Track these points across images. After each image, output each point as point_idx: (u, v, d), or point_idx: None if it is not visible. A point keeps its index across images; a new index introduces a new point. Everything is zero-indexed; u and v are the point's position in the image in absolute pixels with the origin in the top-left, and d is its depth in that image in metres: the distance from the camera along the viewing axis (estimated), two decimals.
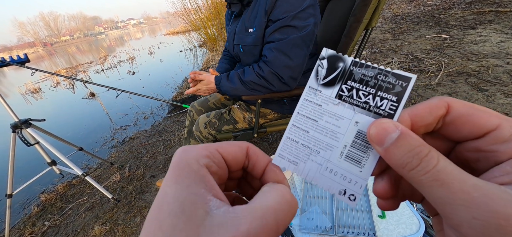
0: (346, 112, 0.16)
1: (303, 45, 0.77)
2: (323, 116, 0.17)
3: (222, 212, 0.12)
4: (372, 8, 0.85)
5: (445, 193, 0.11)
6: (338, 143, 0.17)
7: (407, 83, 0.15)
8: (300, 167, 0.17)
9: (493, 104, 1.41)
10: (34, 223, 1.54)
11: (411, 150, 0.13)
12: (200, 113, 1.28)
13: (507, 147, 0.12)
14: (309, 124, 0.17)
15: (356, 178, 0.16)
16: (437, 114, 0.14)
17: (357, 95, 0.16)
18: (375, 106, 0.16)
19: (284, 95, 0.91)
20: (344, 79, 0.17)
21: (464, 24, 2.65)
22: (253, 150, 0.17)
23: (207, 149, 0.15)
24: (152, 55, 8.24)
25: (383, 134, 0.14)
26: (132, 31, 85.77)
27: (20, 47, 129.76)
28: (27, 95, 5.83)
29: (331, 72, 0.17)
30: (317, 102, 0.17)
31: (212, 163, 0.15)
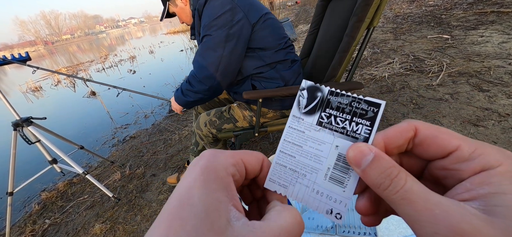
0: (327, 137, 0.18)
1: (216, 47, 0.87)
2: (307, 142, 0.18)
3: (241, 224, 0.13)
4: (374, 7, 0.84)
5: (412, 210, 0.13)
6: (322, 166, 0.18)
7: (377, 108, 0.17)
8: (290, 189, 0.19)
9: (494, 105, 1.40)
10: (35, 221, 1.55)
11: (383, 171, 0.14)
12: (204, 106, 1.29)
13: (467, 165, 0.13)
14: (294, 149, 0.19)
15: (340, 198, 0.17)
16: (407, 136, 0.15)
17: (335, 122, 0.18)
18: (352, 131, 0.17)
19: (285, 95, 0.91)
20: (323, 107, 0.18)
21: (465, 25, 2.64)
22: (267, 163, 0.19)
23: (234, 158, 0.16)
24: (153, 54, 8.24)
25: (359, 156, 0.15)
26: (133, 30, 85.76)
27: (21, 46, 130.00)
28: (28, 94, 5.84)
29: (311, 101, 0.19)
30: (301, 130, 0.19)
31: (236, 172, 0.16)
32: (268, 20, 0.95)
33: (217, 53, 0.87)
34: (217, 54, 0.87)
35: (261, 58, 0.95)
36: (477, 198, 0.12)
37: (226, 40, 0.86)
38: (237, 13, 0.87)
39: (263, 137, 1.75)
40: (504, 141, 1.16)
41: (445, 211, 0.12)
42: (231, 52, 0.88)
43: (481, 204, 0.12)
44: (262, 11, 0.93)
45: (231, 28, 0.86)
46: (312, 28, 1.30)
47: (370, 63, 2.49)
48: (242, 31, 0.88)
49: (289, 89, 0.92)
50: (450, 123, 1.37)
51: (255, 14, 0.91)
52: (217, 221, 0.12)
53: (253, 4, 0.93)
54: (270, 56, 0.95)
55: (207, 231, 0.12)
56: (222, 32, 0.85)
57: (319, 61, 1.17)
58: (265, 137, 1.74)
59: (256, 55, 0.95)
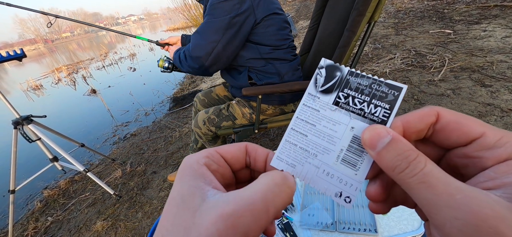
0: (343, 118, 0.17)
1: (215, 31, 0.85)
2: (321, 121, 0.18)
3: (216, 197, 0.14)
4: (375, 1, 0.83)
5: (430, 194, 0.12)
6: (334, 147, 0.17)
7: (398, 92, 0.16)
8: (298, 169, 0.18)
9: (497, 100, 1.39)
10: (37, 219, 1.56)
11: (401, 153, 0.13)
12: (204, 103, 1.28)
13: (491, 153, 0.13)
14: (307, 128, 0.18)
15: (351, 181, 0.17)
16: (428, 121, 0.15)
17: (353, 103, 0.17)
18: (370, 113, 0.17)
19: (285, 91, 0.91)
20: (341, 87, 0.18)
21: (468, 19, 2.61)
22: (252, 146, 0.19)
23: (207, 151, 0.17)
24: (153, 52, 8.21)
25: (375, 138, 0.15)
26: (133, 27, 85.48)
27: (21, 44, 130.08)
28: (28, 92, 5.85)
29: (329, 80, 0.18)
30: (315, 108, 0.18)
31: (211, 162, 0.17)
32: (275, 19, 0.93)
33: (214, 37, 0.86)
34: (214, 39, 0.86)
35: (258, 51, 0.94)
36: (502, 186, 0.11)
37: (227, 27, 0.85)
38: (245, 3, 0.85)
39: (264, 133, 1.75)
40: None
41: (466, 196, 0.11)
42: (227, 42, 0.87)
43: (506, 192, 0.11)
44: (271, 9, 0.91)
45: (234, 17, 0.84)
46: (312, 23, 1.29)
47: (371, 59, 2.47)
48: (244, 24, 0.87)
49: (288, 86, 0.91)
50: None
51: (263, 10, 0.89)
52: (192, 201, 0.14)
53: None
54: (268, 52, 0.95)
55: (182, 211, 0.13)
56: (225, 18, 0.83)
57: (319, 57, 1.16)
58: (266, 134, 1.74)
59: (254, 47, 0.94)
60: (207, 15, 0.87)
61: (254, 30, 0.91)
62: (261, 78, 0.98)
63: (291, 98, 1.06)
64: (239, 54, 0.95)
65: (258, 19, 0.89)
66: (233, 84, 1.06)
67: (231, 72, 1.04)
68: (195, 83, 3.55)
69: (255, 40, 0.93)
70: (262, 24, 0.90)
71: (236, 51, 0.93)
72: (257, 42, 0.93)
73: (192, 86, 3.41)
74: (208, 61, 0.89)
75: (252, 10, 0.87)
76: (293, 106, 1.10)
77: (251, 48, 0.94)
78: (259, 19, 0.89)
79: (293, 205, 0.82)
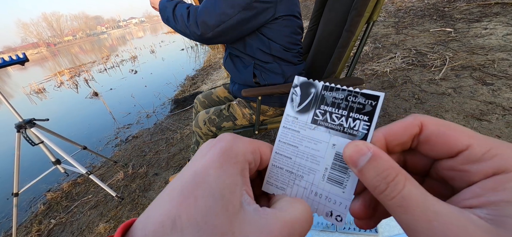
0: (323, 136, 0.17)
1: (232, 5, 0.79)
2: (302, 142, 0.18)
3: (252, 209, 0.13)
4: (374, 1, 0.83)
5: (409, 219, 0.12)
6: (319, 167, 0.17)
7: (376, 101, 0.15)
8: (288, 191, 0.18)
9: (498, 99, 1.38)
10: (40, 221, 1.57)
11: (380, 173, 0.13)
12: (204, 104, 1.29)
13: (478, 167, 0.12)
14: (290, 150, 0.18)
15: (340, 199, 0.16)
16: (411, 133, 0.14)
17: (331, 119, 0.17)
18: (349, 127, 0.16)
19: (284, 92, 0.91)
20: (317, 104, 0.17)
21: (469, 17, 2.60)
22: None
23: (252, 145, 0.16)
24: (154, 54, 8.26)
25: (356, 155, 0.14)
26: (134, 30, 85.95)
27: (24, 48, 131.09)
28: (31, 96, 5.90)
29: (305, 98, 0.18)
30: (295, 129, 0.18)
31: (253, 160, 0.16)
32: (293, 21, 0.92)
33: (229, 11, 0.79)
34: (228, 12, 0.80)
35: (269, 47, 0.93)
36: (486, 205, 0.11)
37: (245, 7, 0.80)
38: None
39: (264, 134, 1.75)
40: (509, 135, 1.14)
41: (443, 223, 0.11)
42: (240, 22, 0.83)
43: (489, 213, 0.10)
44: (292, 11, 0.90)
45: (256, 1, 0.80)
46: (312, 23, 1.29)
47: (371, 59, 2.47)
48: (262, 13, 0.84)
49: (288, 87, 0.91)
50: (453, 118, 1.36)
51: (285, 8, 0.87)
52: (231, 202, 0.12)
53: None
54: (277, 50, 0.94)
55: (219, 210, 0.12)
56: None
57: (318, 57, 1.16)
58: (266, 135, 1.74)
59: (266, 41, 0.92)
60: None
61: (270, 24, 0.88)
62: (265, 77, 0.97)
63: None
64: (249, 42, 0.93)
65: (277, 15, 0.87)
66: (237, 80, 1.05)
67: (236, 63, 1.01)
68: (196, 85, 3.57)
69: (268, 35, 0.91)
70: (279, 21, 0.89)
71: (243, 34, 0.89)
72: (270, 37, 0.91)
73: (193, 88, 3.43)
74: (213, 33, 0.83)
75: (275, 3, 0.84)
76: None
77: (263, 41, 0.92)
78: (278, 15, 0.87)
79: None
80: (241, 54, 0.98)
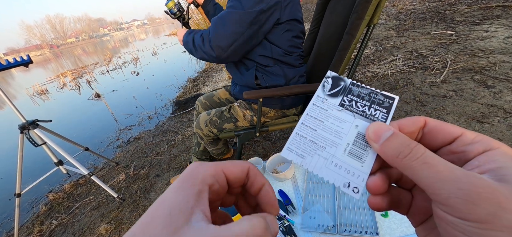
0: (348, 117, 0.20)
1: (240, 23, 0.82)
2: (328, 118, 0.20)
3: (198, 226, 0.14)
4: (374, 5, 0.84)
5: (434, 172, 0.14)
6: (341, 141, 0.19)
7: (392, 101, 0.20)
8: (307, 160, 0.19)
9: (500, 101, 1.38)
10: (42, 222, 1.58)
11: (403, 143, 0.16)
12: (205, 106, 1.29)
13: (472, 148, 0.15)
14: (316, 124, 0.20)
15: (358, 172, 0.18)
16: (418, 125, 0.17)
17: (356, 105, 0.20)
18: (371, 114, 0.19)
19: (285, 94, 0.92)
20: (345, 93, 0.21)
21: (470, 20, 2.60)
22: (253, 171, 0.19)
23: (215, 168, 0.17)
24: (156, 56, 8.31)
25: (379, 132, 0.17)
26: (136, 32, 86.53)
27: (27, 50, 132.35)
28: (34, 97, 5.95)
29: (335, 87, 0.21)
30: (324, 107, 0.20)
31: (215, 182, 0.17)
32: (295, 26, 0.94)
33: (238, 29, 0.83)
34: (238, 31, 0.84)
35: (270, 50, 0.94)
36: (487, 171, 0.14)
37: (252, 22, 0.83)
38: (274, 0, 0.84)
39: (266, 136, 1.75)
40: (510, 137, 1.14)
41: (465, 173, 0.13)
42: (250, 37, 0.86)
43: (491, 175, 0.13)
44: (295, 16, 0.92)
45: (261, 13, 0.83)
46: (313, 27, 1.30)
47: (372, 61, 2.47)
48: (267, 20, 0.86)
49: (289, 89, 0.92)
50: (455, 120, 1.35)
51: (289, 13, 0.89)
52: (176, 220, 0.13)
53: (295, 2, 0.90)
54: (279, 53, 0.95)
55: (163, 226, 0.13)
56: (252, 12, 0.81)
57: (319, 60, 1.17)
58: (267, 137, 1.75)
59: (267, 45, 0.94)
60: (234, 0, 0.84)
61: (273, 29, 0.91)
62: (267, 80, 0.98)
63: (292, 103, 1.07)
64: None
65: (281, 20, 0.89)
66: (239, 82, 1.06)
67: (239, 67, 1.03)
68: (197, 87, 3.58)
69: (270, 39, 0.93)
70: (283, 26, 0.91)
71: (255, 45, 0.92)
72: (272, 41, 0.93)
73: (194, 90, 3.44)
74: (227, 52, 0.87)
75: (279, 7, 0.86)
76: (295, 110, 1.10)
77: (264, 46, 0.94)
78: (282, 20, 0.89)
79: (295, 208, 0.82)
80: (243, 59, 0.99)
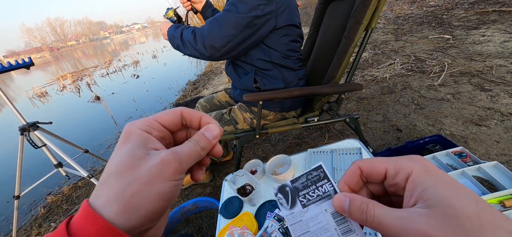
0: (315, 210, 0.22)
1: (235, 25, 0.83)
2: (308, 224, 0.22)
3: (157, 152, 0.19)
4: (372, 9, 0.86)
5: (385, 229, 0.17)
6: (331, 231, 0.21)
7: (321, 169, 0.22)
8: None
9: (497, 104, 1.39)
10: (40, 225, 1.57)
11: (358, 208, 0.18)
12: (205, 109, 1.30)
13: (398, 179, 0.18)
14: (304, 234, 0.22)
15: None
16: (356, 175, 0.20)
17: (310, 196, 0.22)
18: (323, 193, 0.22)
19: (285, 97, 0.93)
20: (297, 194, 0.23)
21: (467, 24, 2.63)
22: (187, 111, 0.23)
23: (147, 120, 0.21)
24: (156, 59, 8.34)
25: (341, 204, 0.20)
26: (137, 35, 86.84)
27: (28, 52, 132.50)
28: (34, 99, 5.94)
29: (287, 197, 0.23)
30: (297, 220, 0.23)
31: (151, 129, 0.20)
32: (292, 31, 0.95)
33: (232, 31, 0.84)
34: (232, 33, 0.85)
35: (269, 55, 0.95)
36: (417, 200, 0.16)
37: (247, 26, 0.84)
38: (270, 5, 0.84)
39: (265, 139, 1.76)
40: (507, 140, 1.15)
41: (406, 221, 0.16)
42: (244, 40, 0.87)
43: (421, 203, 0.16)
44: (293, 21, 0.93)
45: (256, 18, 0.84)
46: (311, 30, 1.32)
47: (371, 65, 2.49)
48: (264, 26, 0.87)
49: (288, 92, 0.93)
50: (452, 123, 1.37)
51: (286, 18, 0.90)
52: (137, 154, 0.18)
53: (292, 8, 0.92)
54: (277, 57, 0.96)
55: (127, 157, 0.18)
56: (247, 16, 0.83)
57: (318, 63, 1.18)
58: (267, 139, 1.75)
59: (266, 50, 0.95)
60: (231, 4, 0.85)
61: (270, 34, 0.92)
62: (266, 83, 0.99)
63: (291, 106, 1.08)
64: (250, 52, 0.96)
65: (278, 25, 0.90)
66: (238, 85, 1.07)
67: (237, 71, 1.05)
68: (197, 90, 3.60)
69: (268, 43, 0.94)
70: (280, 31, 0.92)
71: (249, 48, 0.93)
72: (269, 46, 0.94)
73: (194, 93, 3.45)
74: (220, 53, 0.88)
75: (275, 15, 0.87)
76: (294, 113, 1.11)
77: (263, 50, 0.95)
78: (279, 26, 0.90)
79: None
80: (242, 63, 1.00)
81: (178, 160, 0.19)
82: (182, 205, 1.17)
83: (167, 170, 0.18)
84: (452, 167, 0.86)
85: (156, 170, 0.17)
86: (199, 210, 1.20)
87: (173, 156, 0.19)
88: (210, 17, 1.15)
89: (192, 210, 1.19)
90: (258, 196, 0.84)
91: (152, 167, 0.17)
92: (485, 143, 1.18)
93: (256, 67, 0.98)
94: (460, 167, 0.84)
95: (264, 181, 0.91)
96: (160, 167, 0.18)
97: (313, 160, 0.97)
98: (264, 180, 0.92)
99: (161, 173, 0.18)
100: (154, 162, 0.18)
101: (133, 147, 0.18)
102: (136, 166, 0.17)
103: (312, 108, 1.10)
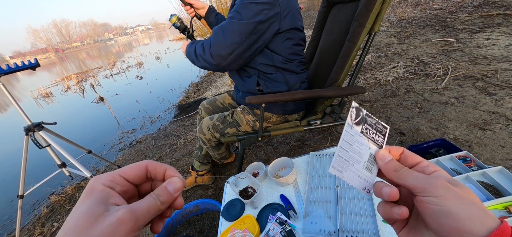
0: (365, 141, 0.29)
1: (240, 33, 0.85)
2: (354, 143, 0.29)
3: (116, 208, 0.20)
4: (375, 13, 0.86)
5: (415, 177, 0.24)
6: (361, 159, 0.29)
7: (387, 129, 0.31)
8: (344, 174, 0.29)
9: (502, 109, 1.38)
10: (43, 224, 1.58)
11: (396, 164, 0.27)
12: (208, 110, 1.31)
13: (427, 169, 0.25)
14: (347, 147, 0.29)
15: (370, 179, 0.29)
16: (399, 152, 0.28)
17: (369, 133, 0.30)
18: (376, 140, 0.30)
19: (288, 100, 0.93)
20: (363, 122, 0.30)
21: (471, 28, 2.61)
22: (152, 165, 0.25)
23: (111, 175, 0.22)
24: (160, 61, 8.40)
25: (383, 157, 0.28)
26: (140, 37, 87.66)
27: (33, 53, 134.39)
28: (39, 100, 6.02)
29: (358, 116, 0.30)
30: (352, 133, 0.29)
31: (114, 184, 0.22)
32: (295, 34, 0.95)
33: (237, 39, 0.85)
34: (237, 40, 0.86)
35: (271, 59, 0.96)
36: (436, 169, 0.25)
37: (251, 32, 0.85)
38: (274, 9, 0.85)
39: (267, 141, 1.76)
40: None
41: (430, 176, 0.23)
42: (249, 46, 0.88)
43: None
44: (295, 25, 0.93)
45: (260, 23, 0.85)
46: (315, 33, 1.32)
47: (374, 68, 2.48)
48: (267, 30, 0.88)
49: (291, 95, 0.93)
50: (456, 127, 1.35)
51: (289, 22, 0.90)
52: (96, 211, 0.19)
53: (294, 11, 0.92)
54: (280, 61, 0.96)
55: (85, 216, 0.19)
56: (251, 22, 0.84)
57: (321, 66, 1.18)
58: (269, 141, 1.75)
59: (268, 54, 0.95)
60: (235, 11, 0.86)
61: (273, 38, 0.92)
62: (269, 86, 0.99)
63: (294, 109, 1.08)
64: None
65: (281, 29, 0.90)
66: (241, 88, 1.07)
67: (241, 74, 1.05)
68: (200, 91, 3.61)
69: (271, 47, 0.94)
70: (283, 34, 0.92)
71: (255, 54, 0.94)
72: (272, 50, 0.95)
73: (197, 95, 3.47)
74: (227, 61, 0.89)
75: (278, 18, 0.87)
76: (296, 116, 1.11)
77: (265, 54, 0.96)
78: (282, 29, 0.90)
79: (296, 212, 0.82)
80: (245, 67, 1.01)
81: (134, 218, 0.20)
82: (184, 206, 1.17)
83: (123, 228, 0.19)
84: (456, 172, 0.85)
85: (111, 230, 0.18)
86: (201, 212, 1.20)
87: (129, 214, 0.20)
88: (213, 22, 1.16)
89: (194, 212, 1.19)
90: (260, 198, 0.84)
91: (107, 226, 0.18)
92: (490, 148, 1.16)
93: (259, 71, 0.99)
94: (464, 172, 0.83)
95: (266, 184, 0.91)
96: (116, 226, 0.19)
97: (315, 163, 0.96)
98: (266, 183, 0.92)
99: (115, 233, 0.18)
100: (110, 221, 0.19)
101: (92, 204, 0.19)
102: (92, 225, 0.18)
103: (315, 111, 1.09)
